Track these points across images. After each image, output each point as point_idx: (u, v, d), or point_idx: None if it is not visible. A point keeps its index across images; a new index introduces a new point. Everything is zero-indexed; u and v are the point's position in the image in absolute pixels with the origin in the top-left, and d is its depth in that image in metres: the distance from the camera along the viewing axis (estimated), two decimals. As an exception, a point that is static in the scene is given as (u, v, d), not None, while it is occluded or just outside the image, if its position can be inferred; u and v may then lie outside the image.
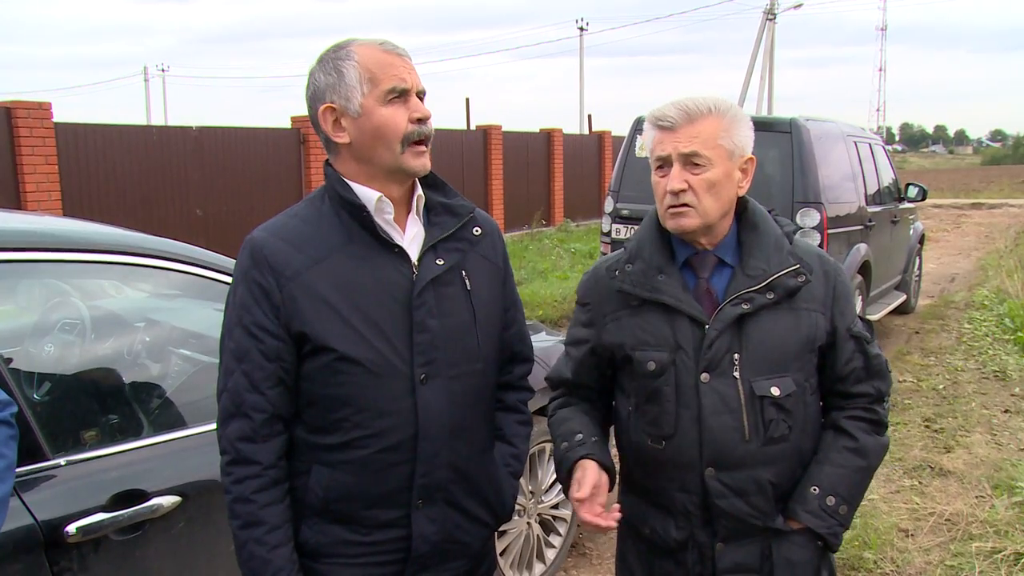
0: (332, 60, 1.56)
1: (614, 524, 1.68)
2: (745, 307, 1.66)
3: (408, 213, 1.65)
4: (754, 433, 1.66)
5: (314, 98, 1.58)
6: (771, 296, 1.67)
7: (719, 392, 1.66)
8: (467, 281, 1.66)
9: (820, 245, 5.86)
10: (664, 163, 1.66)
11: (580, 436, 1.77)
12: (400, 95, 1.55)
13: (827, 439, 1.76)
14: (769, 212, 1.80)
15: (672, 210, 1.66)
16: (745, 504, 1.68)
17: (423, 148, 1.59)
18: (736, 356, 1.66)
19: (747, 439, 1.66)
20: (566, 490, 1.78)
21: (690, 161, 1.63)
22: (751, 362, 1.66)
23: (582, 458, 1.73)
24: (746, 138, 1.68)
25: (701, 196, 1.64)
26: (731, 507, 1.68)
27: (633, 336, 1.73)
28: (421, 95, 1.59)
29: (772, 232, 1.73)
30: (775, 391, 1.66)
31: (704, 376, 1.66)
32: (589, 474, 1.70)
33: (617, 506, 1.75)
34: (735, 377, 1.66)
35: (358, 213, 1.57)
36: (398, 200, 1.62)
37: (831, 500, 1.70)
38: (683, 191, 1.63)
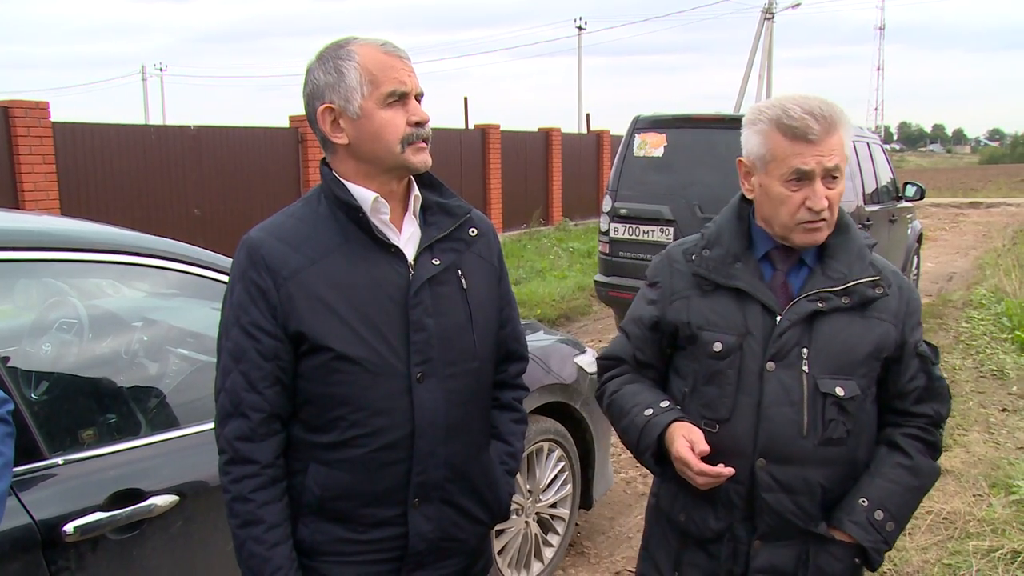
0: (332, 59, 1.56)
1: (734, 471, 1.64)
2: (820, 305, 1.65)
3: (404, 213, 1.65)
4: (812, 430, 1.65)
5: (312, 96, 1.58)
6: (847, 301, 1.66)
7: (783, 383, 1.65)
8: (463, 280, 1.66)
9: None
10: (803, 176, 1.61)
11: (667, 403, 1.75)
12: (400, 98, 1.55)
13: (881, 454, 1.74)
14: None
15: (809, 225, 1.63)
16: (791, 502, 1.67)
17: (423, 145, 1.59)
18: (804, 350, 1.65)
19: (804, 435, 1.65)
20: (641, 454, 1.74)
21: (830, 175, 1.60)
22: (818, 359, 1.65)
23: (675, 420, 1.70)
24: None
25: (835, 210, 1.64)
26: (777, 503, 1.66)
27: (701, 316, 1.72)
28: (419, 97, 1.59)
29: (857, 240, 1.73)
30: (840, 391, 1.65)
31: (770, 365, 1.66)
32: (697, 431, 1.67)
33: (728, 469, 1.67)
34: (802, 371, 1.65)
35: (354, 213, 1.57)
36: (395, 199, 1.62)
37: (879, 515, 1.67)
38: (824, 208, 1.61)
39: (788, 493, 1.67)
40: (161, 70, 67.94)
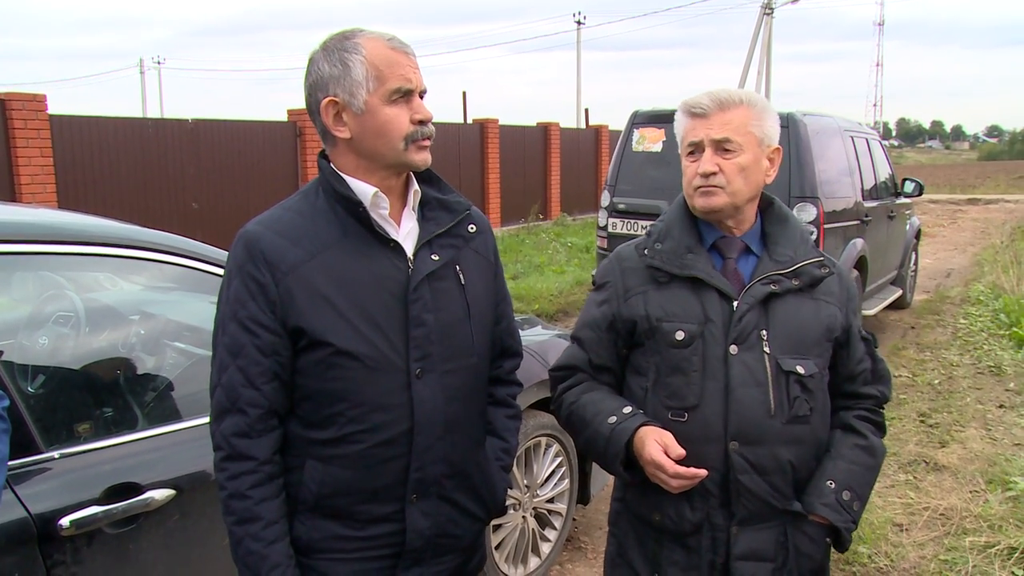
0: (338, 51, 1.53)
1: (707, 472, 1.66)
2: (774, 287, 1.73)
3: (403, 208, 1.64)
4: (779, 409, 1.69)
5: (316, 87, 1.56)
6: (796, 282, 1.74)
7: (748, 365, 1.69)
8: (461, 276, 1.66)
9: (816, 240, 5.86)
10: (696, 149, 1.74)
11: (629, 408, 1.75)
12: (404, 95, 1.54)
13: (838, 436, 1.80)
14: None
15: (701, 189, 1.72)
16: (765, 483, 1.70)
17: (426, 143, 1.58)
18: (764, 332, 1.71)
19: (772, 414, 1.69)
20: (610, 463, 1.74)
21: (721, 147, 1.70)
22: (777, 340, 1.71)
23: (642, 426, 1.70)
24: (774, 129, 1.77)
25: (731, 178, 1.71)
26: (753, 484, 1.69)
27: (660, 308, 1.75)
28: (422, 94, 1.58)
29: (798, 226, 1.83)
30: (800, 369, 1.71)
31: (733, 348, 1.70)
32: (668, 434, 1.67)
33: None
34: (764, 352, 1.70)
35: (354, 208, 1.56)
36: (394, 194, 1.61)
37: (846, 495, 1.73)
38: (713, 174, 1.70)
39: (762, 474, 1.70)
40: (159, 63, 67.86)
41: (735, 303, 1.71)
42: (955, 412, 5.55)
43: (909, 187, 8.50)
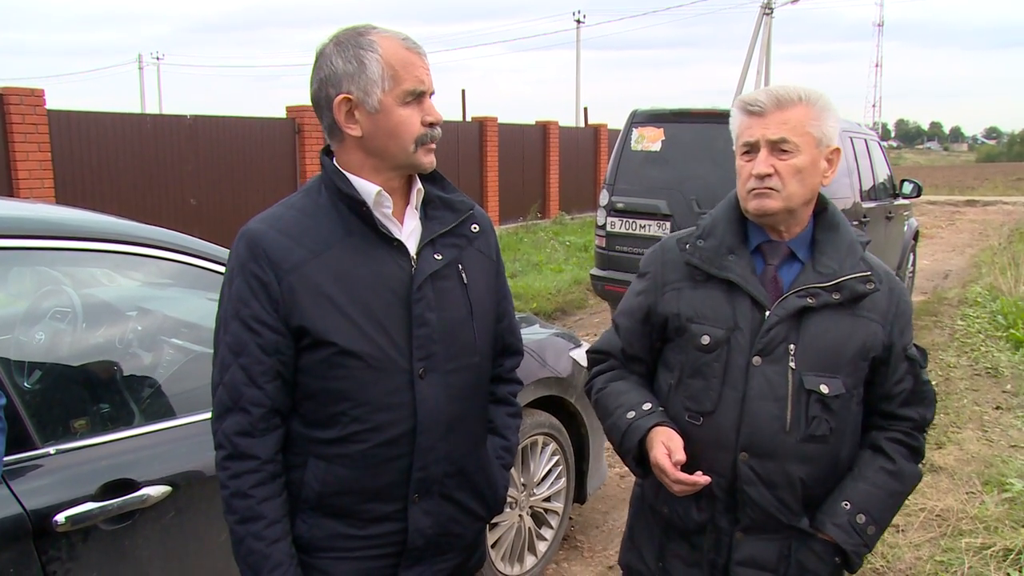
0: (353, 47, 1.51)
1: (709, 480, 1.66)
2: (810, 301, 1.66)
3: (406, 206, 1.63)
4: (795, 426, 1.66)
5: (328, 82, 1.53)
6: (837, 297, 1.67)
7: (768, 378, 1.66)
8: (463, 275, 1.65)
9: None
10: (751, 148, 1.67)
11: (649, 405, 1.75)
12: (417, 97, 1.53)
13: (865, 457, 1.75)
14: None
15: (756, 191, 1.66)
16: (772, 496, 1.68)
17: (433, 145, 1.58)
18: (792, 346, 1.66)
19: (787, 431, 1.66)
20: (624, 457, 1.75)
21: (778, 147, 1.64)
22: (805, 356, 1.66)
23: (656, 425, 1.70)
24: (833, 128, 1.69)
25: (787, 181, 1.64)
26: (758, 496, 1.67)
27: (692, 308, 1.73)
28: (432, 96, 1.58)
29: (848, 235, 1.74)
30: (824, 388, 1.65)
31: (756, 359, 1.66)
32: (677, 438, 1.67)
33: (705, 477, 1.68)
34: (788, 367, 1.65)
35: (357, 207, 1.55)
36: (397, 193, 1.60)
37: (861, 518, 1.68)
38: (768, 176, 1.64)
39: (769, 488, 1.68)
40: (158, 59, 67.62)
41: (767, 312, 1.67)
42: (952, 413, 5.55)
43: (907, 188, 8.51)
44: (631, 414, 1.74)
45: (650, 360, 1.86)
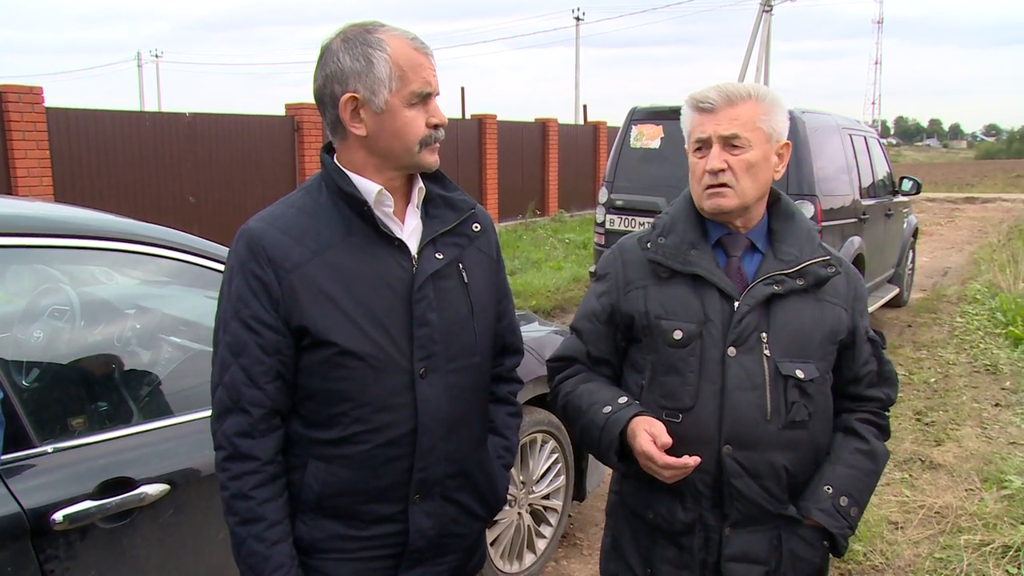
0: (361, 45, 1.49)
1: (700, 460, 1.64)
2: (776, 288, 1.69)
3: (407, 205, 1.62)
4: (775, 414, 1.67)
5: (333, 79, 1.51)
6: (801, 282, 1.70)
7: (745, 368, 1.66)
8: (464, 275, 1.64)
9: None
10: (703, 145, 1.70)
11: (625, 399, 1.74)
12: (424, 98, 1.52)
13: (839, 440, 1.77)
14: None
15: (710, 190, 1.69)
16: (759, 487, 1.68)
17: (437, 146, 1.58)
18: (764, 335, 1.67)
19: (768, 419, 1.66)
20: (604, 453, 1.73)
21: (729, 143, 1.66)
22: (777, 343, 1.68)
23: (636, 415, 1.69)
24: (783, 123, 1.73)
25: (740, 176, 1.67)
26: (746, 488, 1.67)
27: (660, 305, 1.73)
28: (437, 96, 1.57)
29: (805, 223, 1.78)
30: (800, 373, 1.68)
31: (731, 350, 1.67)
32: (659, 424, 1.66)
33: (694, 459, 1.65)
34: (763, 355, 1.67)
35: (358, 206, 1.53)
36: (398, 192, 1.59)
37: (844, 500, 1.70)
38: (722, 171, 1.66)
39: (755, 478, 1.68)
40: (157, 57, 67.67)
41: (736, 303, 1.68)
42: (951, 410, 5.55)
43: (907, 185, 8.51)
44: (607, 408, 1.72)
45: (616, 362, 1.85)
